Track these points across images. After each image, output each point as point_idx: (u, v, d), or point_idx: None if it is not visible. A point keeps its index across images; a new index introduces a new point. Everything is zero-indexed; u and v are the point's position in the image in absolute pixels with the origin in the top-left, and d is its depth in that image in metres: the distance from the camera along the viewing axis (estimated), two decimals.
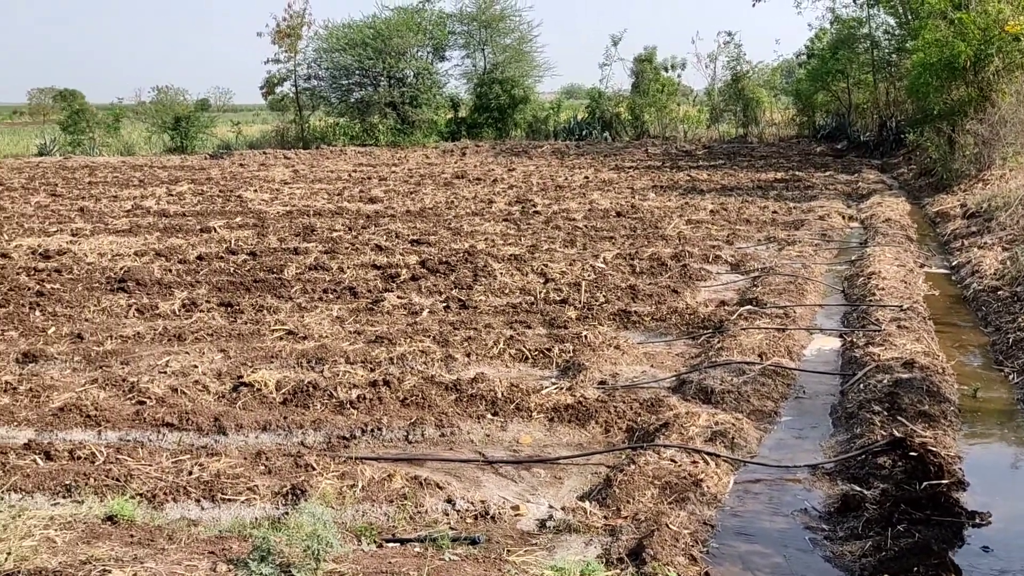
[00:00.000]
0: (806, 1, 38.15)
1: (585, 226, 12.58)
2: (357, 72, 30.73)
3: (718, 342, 6.92)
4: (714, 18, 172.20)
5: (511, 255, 10.34)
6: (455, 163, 23.85)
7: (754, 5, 32.21)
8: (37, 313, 7.96)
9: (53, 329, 7.44)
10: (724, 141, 29.72)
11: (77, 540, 3.47)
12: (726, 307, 8.03)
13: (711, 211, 14.00)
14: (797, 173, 19.55)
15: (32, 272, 9.59)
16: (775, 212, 13.84)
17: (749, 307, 7.83)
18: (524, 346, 6.85)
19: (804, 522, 4.28)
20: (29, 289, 8.76)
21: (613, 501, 4.33)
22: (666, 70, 32.06)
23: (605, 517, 4.17)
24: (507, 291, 8.74)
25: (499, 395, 5.76)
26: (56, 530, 3.57)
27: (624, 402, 5.65)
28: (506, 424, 5.50)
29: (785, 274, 9.12)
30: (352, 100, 31.46)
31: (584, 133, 31.93)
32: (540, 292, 8.63)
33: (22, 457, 4.82)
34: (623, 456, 4.96)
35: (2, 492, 4.26)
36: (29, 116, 73.98)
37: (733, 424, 5.29)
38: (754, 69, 32.26)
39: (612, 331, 7.33)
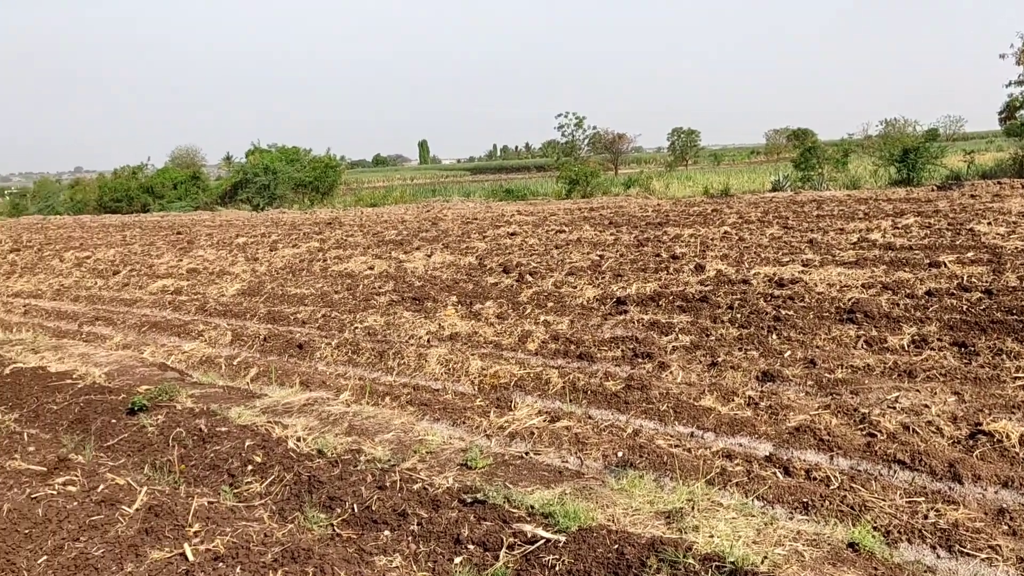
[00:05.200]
0: None
1: None
2: None
3: None
4: None
5: None
6: None
7: None
8: (774, 336, 8.66)
9: (788, 352, 8.01)
10: None
11: (823, 559, 3.65)
12: None
13: None
14: None
15: (768, 298, 10.47)
16: None
17: None
18: None
19: None
20: (767, 314, 9.60)
21: None
22: None
23: None
24: None
25: None
26: (803, 545, 3.81)
27: None
28: None
29: None
30: None
31: None
32: None
33: (764, 468, 5.31)
34: None
35: (750, 499, 4.74)
36: (764, 155, 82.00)
37: None
38: None
39: None
